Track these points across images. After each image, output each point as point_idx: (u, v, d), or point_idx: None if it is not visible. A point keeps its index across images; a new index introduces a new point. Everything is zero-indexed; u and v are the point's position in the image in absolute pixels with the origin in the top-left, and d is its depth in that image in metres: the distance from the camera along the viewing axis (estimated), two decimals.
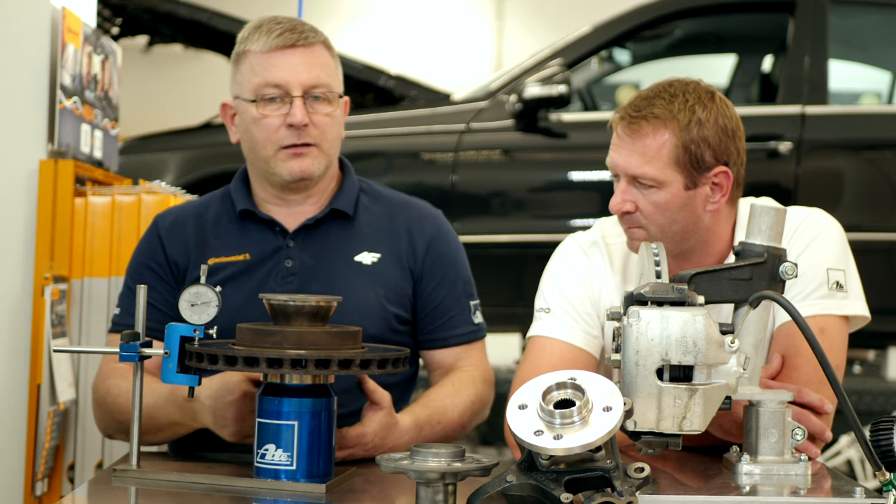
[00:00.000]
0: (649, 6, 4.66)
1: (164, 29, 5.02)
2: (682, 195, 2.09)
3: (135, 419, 1.77)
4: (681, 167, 2.07)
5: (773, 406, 1.76)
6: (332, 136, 2.20)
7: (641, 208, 2.10)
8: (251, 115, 2.16)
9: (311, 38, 2.17)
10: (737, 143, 2.13)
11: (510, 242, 4.40)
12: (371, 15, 9.46)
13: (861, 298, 2.13)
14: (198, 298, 1.78)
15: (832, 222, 2.17)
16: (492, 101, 4.48)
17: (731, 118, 2.12)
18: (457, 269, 2.30)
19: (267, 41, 2.15)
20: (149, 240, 2.27)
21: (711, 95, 2.11)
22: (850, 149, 4.49)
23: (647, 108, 2.08)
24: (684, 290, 1.64)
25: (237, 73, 2.20)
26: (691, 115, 2.06)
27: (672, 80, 2.14)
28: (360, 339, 1.76)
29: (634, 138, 2.08)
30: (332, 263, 2.20)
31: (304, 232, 2.22)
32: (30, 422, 3.08)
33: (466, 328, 2.28)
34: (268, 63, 2.15)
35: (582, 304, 2.22)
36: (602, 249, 2.27)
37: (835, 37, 4.60)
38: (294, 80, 2.14)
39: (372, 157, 4.52)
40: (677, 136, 2.06)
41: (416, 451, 1.50)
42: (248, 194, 2.25)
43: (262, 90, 2.15)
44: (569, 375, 1.52)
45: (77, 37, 3.34)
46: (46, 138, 3.23)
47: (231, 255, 2.20)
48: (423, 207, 2.35)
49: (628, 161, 2.09)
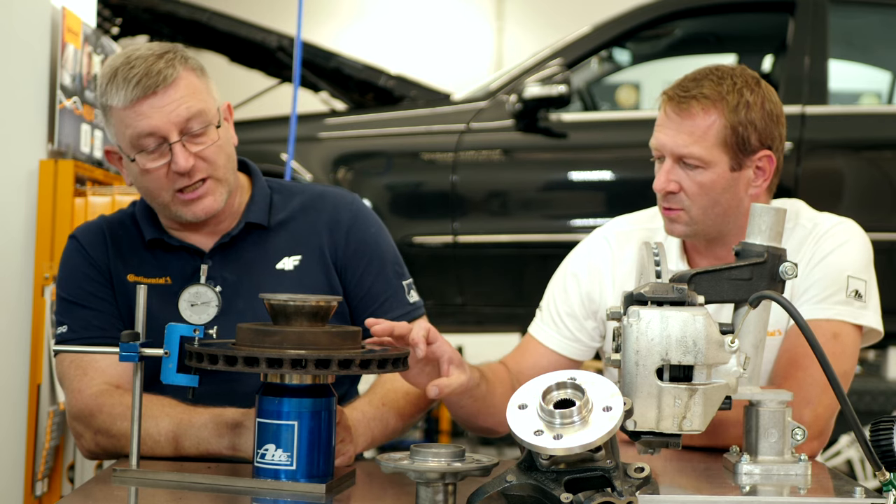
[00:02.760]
0: (649, 6, 4.66)
1: (164, 29, 5.02)
2: (727, 176, 2.12)
3: (135, 419, 1.77)
4: (728, 148, 2.10)
5: (773, 406, 1.76)
6: (224, 161, 2.11)
7: (686, 188, 2.13)
8: (136, 168, 2.08)
9: (169, 76, 2.03)
10: (780, 129, 2.16)
11: (510, 242, 4.40)
12: (371, 15, 9.47)
13: (877, 313, 2.14)
14: (198, 298, 1.78)
15: (862, 235, 2.19)
16: (492, 101, 4.48)
17: (776, 104, 2.15)
18: (382, 251, 2.25)
19: (126, 94, 2.02)
20: (73, 252, 2.19)
21: (758, 80, 2.15)
22: (850, 149, 4.49)
23: (696, 88, 2.11)
24: (684, 290, 1.64)
25: (108, 126, 2.10)
26: (739, 98, 2.09)
27: (718, 65, 2.17)
28: (360, 339, 1.76)
29: (683, 118, 2.11)
30: (253, 276, 2.15)
31: (220, 250, 2.17)
32: (30, 422, 3.09)
33: (402, 309, 2.23)
34: (134, 115, 2.03)
35: (566, 308, 2.31)
36: (612, 243, 2.32)
37: (835, 37, 4.60)
38: (166, 126, 2.03)
39: (372, 157, 4.52)
40: (726, 117, 2.09)
41: (416, 451, 1.51)
42: (154, 221, 2.18)
43: (139, 142, 2.04)
44: (569, 375, 1.52)
45: (77, 37, 3.34)
46: (46, 138, 3.23)
47: (151, 278, 2.14)
48: (338, 195, 2.29)
49: (676, 140, 2.11)
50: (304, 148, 4.34)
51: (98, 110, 2.15)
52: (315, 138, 4.45)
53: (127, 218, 2.23)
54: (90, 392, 2.05)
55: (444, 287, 4.47)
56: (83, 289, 2.15)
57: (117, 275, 2.15)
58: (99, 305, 2.14)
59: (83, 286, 2.15)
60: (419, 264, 4.35)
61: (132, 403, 1.77)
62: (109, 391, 2.05)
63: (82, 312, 2.14)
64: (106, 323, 2.13)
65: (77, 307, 2.14)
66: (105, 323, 2.13)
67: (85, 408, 2.05)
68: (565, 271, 2.36)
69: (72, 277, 2.17)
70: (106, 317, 2.13)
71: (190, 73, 2.08)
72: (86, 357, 2.08)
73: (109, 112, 2.08)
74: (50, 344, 3.08)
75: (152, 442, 1.94)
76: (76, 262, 2.18)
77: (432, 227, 4.41)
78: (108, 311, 2.14)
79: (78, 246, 2.19)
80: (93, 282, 2.15)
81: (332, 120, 4.71)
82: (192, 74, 2.08)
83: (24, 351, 3.13)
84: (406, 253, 4.27)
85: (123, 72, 2.04)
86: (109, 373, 2.07)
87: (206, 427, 1.93)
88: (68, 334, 2.13)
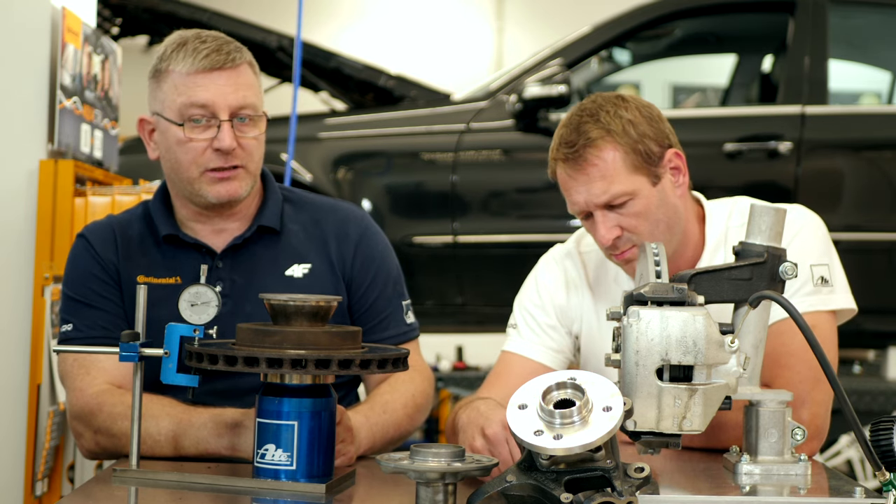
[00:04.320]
0: (649, 6, 4.66)
1: (164, 29, 5.01)
2: (654, 193, 2.13)
3: (135, 419, 1.77)
4: (639, 169, 2.11)
5: (773, 406, 1.76)
6: (258, 158, 2.16)
7: (626, 227, 2.12)
8: (175, 136, 2.10)
9: (237, 59, 2.10)
10: (664, 125, 2.17)
11: (510, 242, 4.40)
12: (371, 15, 9.47)
13: (847, 291, 2.13)
14: (198, 298, 1.78)
15: (812, 217, 2.17)
16: (492, 101, 4.48)
17: (647, 105, 2.17)
18: (387, 269, 2.28)
19: (193, 62, 2.07)
20: (82, 251, 2.19)
21: (620, 96, 2.17)
22: (850, 149, 4.49)
23: (580, 138, 2.10)
24: (684, 290, 1.64)
25: (158, 91, 2.12)
26: (619, 120, 2.10)
27: (580, 105, 2.17)
28: (359, 339, 1.76)
29: (586, 170, 2.11)
30: (262, 281, 2.16)
31: (231, 252, 2.18)
32: (30, 422, 3.08)
33: (399, 328, 2.26)
34: (193, 84, 2.08)
35: (547, 319, 2.30)
36: (576, 258, 2.33)
37: (835, 37, 4.60)
38: (221, 103, 2.08)
39: (372, 157, 4.52)
40: (620, 145, 2.09)
41: (416, 451, 1.50)
42: (169, 216, 2.20)
43: (188, 111, 2.08)
44: (569, 375, 1.52)
45: (77, 37, 3.34)
46: (46, 138, 3.23)
47: (161, 278, 2.15)
48: (349, 210, 2.32)
49: (592, 192, 2.11)
50: (304, 148, 4.34)
51: (150, 77, 2.14)
52: (315, 138, 4.45)
53: (137, 218, 2.23)
54: (91, 391, 2.06)
55: (444, 287, 4.47)
56: (90, 288, 2.15)
57: (126, 275, 2.15)
58: (105, 305, 2.14)
59: (90, 286, 2.15)
60: (419, 264, 4.35)
61: (132, 403, 1.77)
62: (110, 391, 2.05)
63: (88, 312, 2.13)
64: (111, 323, 2.12)
65: (83, 306, 2.14)
66: (110, 323, 2.13)
67: (85, 407, 2.05)
68: (533, 286, 2.34)
69: (79, 276, 2.17)
70: (111, 317, 2.13)
71: (251, 68, 2.15)
72: (90, 356, 2.08)
73: (165, 76, 2.10)
74: (50, 344, 3.08)
75: (152, 441, 1.94)
76: (84, 260, 2.18)
77: (432, 227, 4.41)
78: (113, 312, 2.14)
79: (87, 245, 2.19)
80: (100, 282, 2.15)
81: (332, 120, 4.71)
82: (252, 70, 2.16)
83: (24, 351, 3.12)
84: (406, 253, 4.31)
85: (194, 43, 2.10)
86: (112, 373, 2.07)
87: (206, 426, 1.93)
88: (73, 333, 2.13)
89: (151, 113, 2.15)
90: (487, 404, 1.97)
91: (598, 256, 2.29)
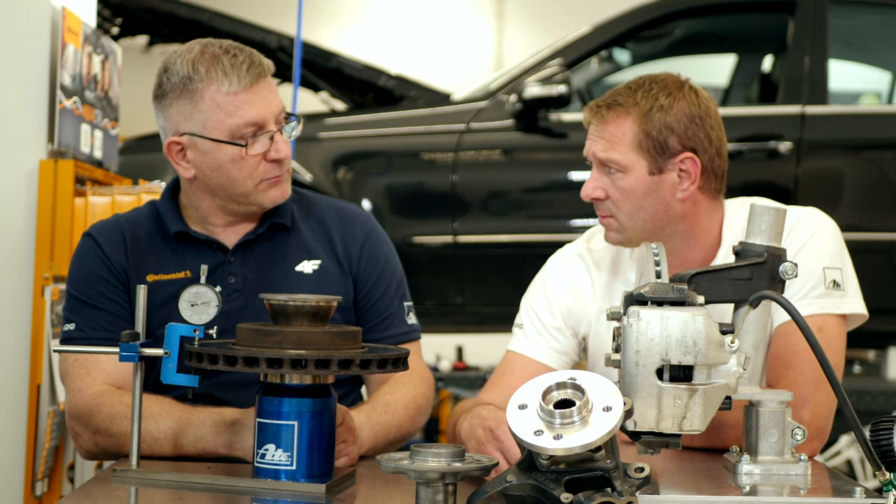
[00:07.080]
0: (649, 6, 4.66)
1: (164, 29, 5.02)
2: (647, 180, 2.15)
3: (135, 419, 1.77)
4: (644, 152, 2.14)
5: (773, 406, 1.76)
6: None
7: (611, 195, 2.18)
8: (228, 155, 2.09)
9: (265, 66, 2.11)
10: (707, 131, 2.16)
11: (510, 242, 4.40)
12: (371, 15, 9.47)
13: (858, 297, 2.14)
14: (198, 298, 1.78)
15: (828, 221, 2.18)
16: (492, 101, 4.48)
17: (700, 106, 2.16)
18: (391, 269, 2.30)
19: (238, 81, 2.06)
20: (89, 250, 2.18)
21: (680, 85, 2.18)
22: (850, 149, 4.49)
23: (612, 97, 2.18)
24: (684, 290, 1.64)
25: (194, 111, 2.08)
26: (653, 103, 2.14)
27: (645, 75, 2.22)
28: (359, 339, 1.76)
29: (601, 125, 2.18)
30: (273, 276, 2.17)
31: (243, 248, 2.19)
32: (30, 422, 3.09)
33: (400, 329, 2.28)
34: (241, 102, 2.07)
35: (552, 321, 2.30)
36: (586, 258, 2.33)
37: (835, 37, 4.60)
38: (269, 115, 2.10)
39: (372, 157, 4.53)
40: (638, 123, 2.14)
41: (416, 451, 1.50)
42: (178, 214, 2.20)
43: (242, 131, 2.07)
44: (569, 375, 1.52)
45: (77, 37, 3.35)
46: (46, 138, 3.23)
47: (170, 273, 2.14)
48: (354, 211, 2.34)
49: (596, 146, 2.18)
50: (304, 148, 4.34)
51: (176, 95, 2.09)
52: (315, 138, 4.45)
53: (144, 217, 2.23)
54: (91, 392, 2.05)
55: (444, 287, 4.47)
56: (95, 289, 2.14)
57: (135, 276, 2.14)
58: (109, 306, 2.13)
59: (95, 286, 2.14)
60: (419, 264, 4.35)
61: (132, 403, 1.77)
62: (109, 391, 2.05)
63: (92, 312, 2.13)
64: (114, 324, 2.12)
65: (87, 307, 2.13)
66: (113, 324, 2.12)
67: (84, 407, 2.04)
68: (540, 287, 2.35)
69: (85, 276, 2.16)
70: (115, 318, 2.13)
71: None
72: (90, 357, 2.08)
73: (201, 95, 2.07)
74: (50, 344, 3.08)
75: (152, 440, 1.94)
76: (91, 260, 2.17)
77: (432, 227, 4.41)
78: (117, 313, 2.14)
79: (94, 245, 2.18)
80: (106, 283, 2.15)
81: (332, 120, 4.71)
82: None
83: (24, 351, 3.13)
84: (406, 253, 4.31)
85: (227, 58, 2.07)
86: (113, 374, 2.07)
87: (205, 425, 1.93)
88: (75, 333, 2.12)
89: (179, 133, 2.11)
90: (489, 410, 1.98)
91: (607, 256, 2.30)
